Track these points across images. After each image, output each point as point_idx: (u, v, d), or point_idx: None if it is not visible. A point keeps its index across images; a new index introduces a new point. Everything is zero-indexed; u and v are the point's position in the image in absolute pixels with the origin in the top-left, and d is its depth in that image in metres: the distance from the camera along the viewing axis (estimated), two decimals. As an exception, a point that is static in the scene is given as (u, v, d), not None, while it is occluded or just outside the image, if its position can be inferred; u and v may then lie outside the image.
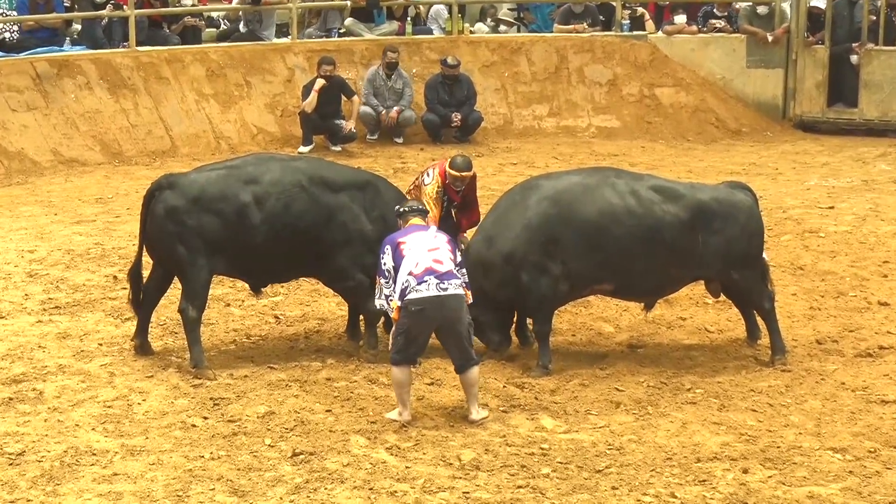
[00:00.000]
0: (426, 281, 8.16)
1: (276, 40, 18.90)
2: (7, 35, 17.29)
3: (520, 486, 7.44)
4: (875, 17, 18.68)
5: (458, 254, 8.48)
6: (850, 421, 8.41)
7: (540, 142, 18.36)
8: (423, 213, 8.75)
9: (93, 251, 12.24)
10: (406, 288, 8.17)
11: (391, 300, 8.26)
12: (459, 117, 17.80)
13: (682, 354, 9.70)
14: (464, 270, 8.44)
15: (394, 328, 8.32)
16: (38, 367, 9.18)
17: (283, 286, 10.86)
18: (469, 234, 10.31)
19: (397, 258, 8.26)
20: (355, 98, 17.36)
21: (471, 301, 8.40)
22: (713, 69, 19.54)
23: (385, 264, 8.30)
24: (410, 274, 8.18)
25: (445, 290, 8.18)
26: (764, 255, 9.71)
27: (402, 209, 8.72)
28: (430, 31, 19.58)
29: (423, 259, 8.21)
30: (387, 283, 8.30)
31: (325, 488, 7.37)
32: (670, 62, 19.51)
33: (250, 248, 9.17)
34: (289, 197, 9.21)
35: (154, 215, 9.16)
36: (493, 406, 8.59)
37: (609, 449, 7.92)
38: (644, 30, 19.74)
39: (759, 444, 8.00)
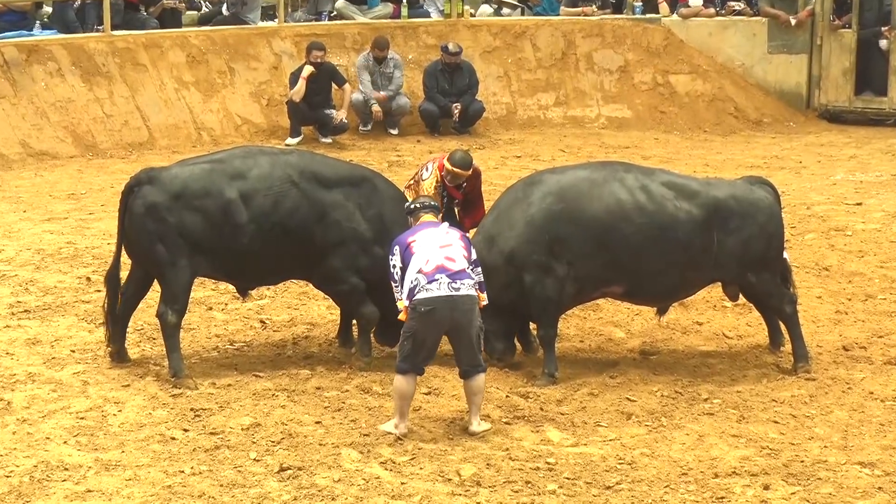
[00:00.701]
0: (437, 280, 8.14)
1: (261, 24, 18.93)
2: (-28, 19, 17.33)
3: (524, 504, 7.45)
4: (906, -1, 18.71)
5: (473, 252, 8.47)
6: (880, 433, 8.42)
7: (545, 133, 18.38)
8: (436, 209, 8.73)
9: (64, 251, 12.24)
10: (415, 287, 8.15)
11: (398, 301, 8.25)
12: (459, 108, 17.80)
13: (698, 362, 9.71)
14: (479, 269, 8.43)
15: (400, 334, 8.31)
16: (6, 376, 9.18)
17: (269, 288, 10.86)
18: (471, 234, 10.31)
19: (406, 257, 8.25)
20: (347, 87, 17.39)
21: (485, 303, 8.40)
22: (732, 55, 19.57)
23: (394, 266, 8.30)
24: (420, 272, 8.17)
25: (458, 289, 8.17)
26: (785, 255, 9.72)
27: (413, 206, 8.71)
28: (427, 14, 19.61)
29: (435, 256, 8.21)
30: (395, 286, 8.29)
31: (315, 506, 7.39)
32: (686, 47, 19.53)
33: (236, 248, 9.16)
34: (278, 193, 9.21)
35: (132, 213, 9.15)
36: (496, 417, 8.60)
37: (620, 463, 7.93)
38: (658, 12, 19.77)
39: (782, 458, 8.01)
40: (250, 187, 9.18)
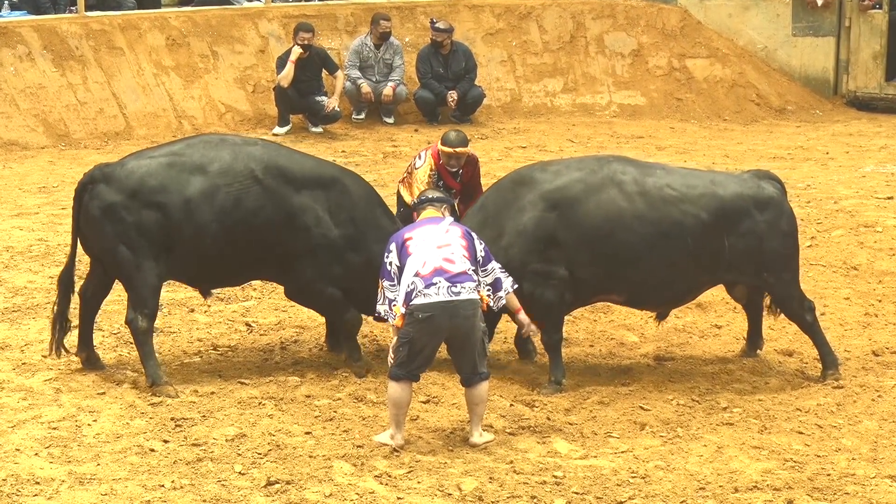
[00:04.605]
0: (435, 283, 8.15)
1: (246, 4, 18.93)
2: (-65, -2, 17.36)
3: (529, 520, 7.48)
4: (942, -23, 18.74)
5: (481, 248, 8.45)
6: (912, 445, 8.45)
7: (553, 122, 18.38)
8: (441, 201, 8.71)
9: (35, 248, 12.26)
10: (412, 291, 8.16)
11: (395, 305, 8.26)
12: (455, 96, 17.75)
13: (717, 368, 9.73)
14: (492, 265, 8.42)
15: (395, 338, 8.31)
16: (-27, 383, 9.21)
17: (255, 289, 10.88)
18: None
19: (403, 256, 8.25)
20: (339, 73, 17.38)
21: (503, 302, 8.42)
22: (754, 37, 19.57)
23: (390, 264, 8.29)
24: (417, 275, 8.17)
25: (458, 294, 8.17)
26: None
27: (418, 199, 8.73)
28: (425, -7, 19.59)
29: (432, 258, 8.20)
30: (391, 285, 8.28)
31: (305, 522, 7.42)
32: (704, 29, 19.54)
33: (198, 249, 9.15)
34: (240, 189, 9.19)
35: (89, 214, 9.14)
36: (499, 427, 8.62)
37: (632, 477, 7.95)
38: (673, -8, 19.80)
39: (807, 471, 8.03)
40: (210, 182, 9.16)
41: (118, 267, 9.17)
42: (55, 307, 9.37)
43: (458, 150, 10.52)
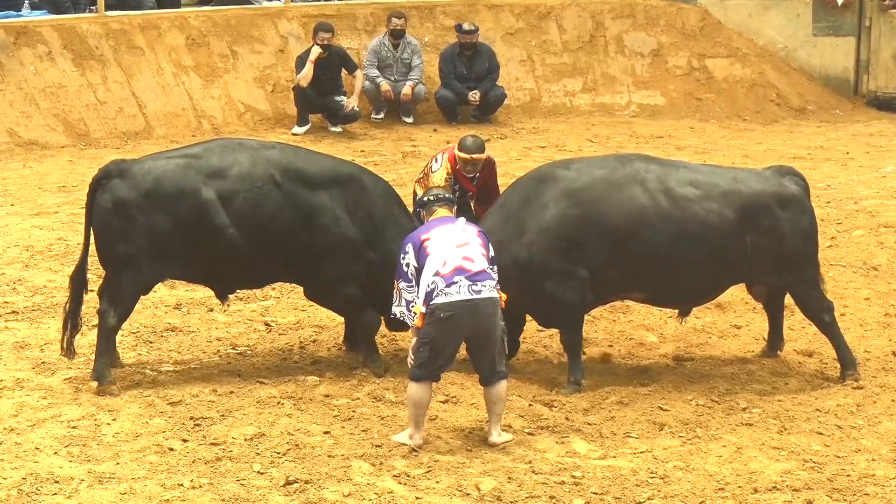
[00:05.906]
0: (456, 282, 8.14)
1: (266, 3, 18.95)
2: (-44, -2, 17.40)
3: (548, 521, 7.47)
4: (962, -23, 18.69)
5: (491, 248, 8.47)
6: (932, 446, 8.42)
7: (572, 122, 18.37)
8: (451, 202, 8.71)
9: (55, 248, 12.28)
10: (432, 290, 8.15)
11: (413, 305, 8.25)
12: (479, 95, 17.78)
13: (736, 369, 9.71)
14: (494, 267, 8.41)
15: (415, 339, 8.31)
16: (-7, 382, 9.23)
17: (274, 289, 10.89)
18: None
19: (421, 257, 8.24)
20: (358, 73, 17.38)
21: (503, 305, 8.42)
22: (774, 37, 19.54)
23: (407, 265, 8.29)
24: (437, 274, 8.16)
25: (479, 292, 8.17)
26: None
27: (426, 198, 8.70)
28: (444, -7, 19.59)
29: (452, 257, 8.20)
30: (409, 286, 8.28)
31: (323, 522, 7.42)
32: (724, 29, 19.51)
33: (212, 253, 9.14)
34: (259, 195, 9.19)
35: (99, 206, 9.16)
36: (518, 427, 8.62)
37: (651, 477, 7.94)
38: (693, -8, 19.77)
39: (826, 472, 8.01)
40: (229, 188, 9.16)
41: (112, 262, 9.17)
42: (67, 306, 9.38)
43: (474, 156, 10.52)
